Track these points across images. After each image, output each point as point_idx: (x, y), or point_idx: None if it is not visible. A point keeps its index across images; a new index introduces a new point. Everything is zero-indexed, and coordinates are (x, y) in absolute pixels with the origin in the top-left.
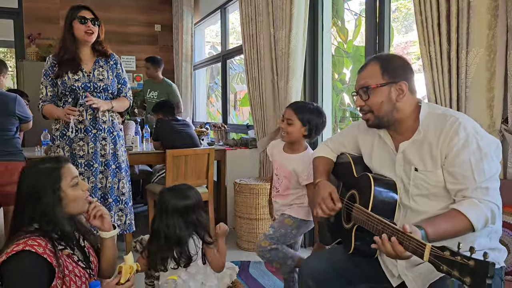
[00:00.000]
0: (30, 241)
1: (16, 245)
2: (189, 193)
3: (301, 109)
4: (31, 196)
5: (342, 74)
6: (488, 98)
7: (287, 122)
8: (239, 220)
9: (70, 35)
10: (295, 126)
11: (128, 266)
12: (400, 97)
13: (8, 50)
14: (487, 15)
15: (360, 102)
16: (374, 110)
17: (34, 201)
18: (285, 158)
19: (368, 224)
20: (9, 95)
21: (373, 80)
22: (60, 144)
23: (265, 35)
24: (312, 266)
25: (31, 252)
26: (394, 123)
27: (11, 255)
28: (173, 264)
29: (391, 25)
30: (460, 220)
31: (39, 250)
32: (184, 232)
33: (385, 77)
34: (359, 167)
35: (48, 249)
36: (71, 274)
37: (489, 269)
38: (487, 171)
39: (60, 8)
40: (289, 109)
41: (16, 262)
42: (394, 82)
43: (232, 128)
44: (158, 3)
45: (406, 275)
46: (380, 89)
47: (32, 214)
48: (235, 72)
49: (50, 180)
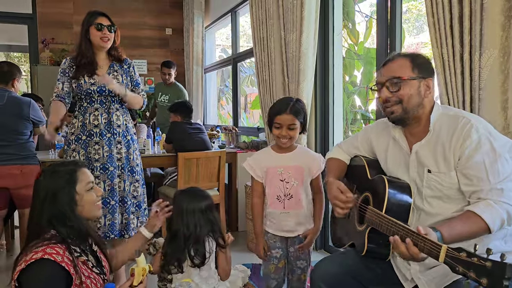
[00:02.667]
0: (48, 249)
1: (35, 253)
2: (206, 193)
3: (295, 108)
4: (47, 197)
5: (353, 76)
6: (502, 100)
7: (290, 128)
8: (250, 222)
9: (87, 40)
10: (297, 128)
11: (140, 268)
12: (427, 93)
13: (23, 54)
14: (500, 17)
15: (388, 93)
16: (403, 101)
17: (50, 202)
18: (285, 158)
19: (382, 226)
20: (23, 99)
21: (404, 72)
22: (76, 148)
23: (275, 38)
24: (324, 269)
25: (50, 261)
26: (414, 119)
27: (30, 263)
28: (189, 263)
29: (402, 27)
30: (476, 222)
31: (58, 258)
32: (204, 230)
33: (415, 71)
34: (373, 169)
35: (66, 257)
36: (87, 281)
37: (506, 270)
38: (501, 172)
39: (73, 13)
40: (289, 115)
41: (36, 271)
42: (423, 77)
43: (243, 130)
44: (169, 7)
45: (420, 278)
46: (411, 82)
47: (48, 216)
48: (246, 75)
49: (66, 182)
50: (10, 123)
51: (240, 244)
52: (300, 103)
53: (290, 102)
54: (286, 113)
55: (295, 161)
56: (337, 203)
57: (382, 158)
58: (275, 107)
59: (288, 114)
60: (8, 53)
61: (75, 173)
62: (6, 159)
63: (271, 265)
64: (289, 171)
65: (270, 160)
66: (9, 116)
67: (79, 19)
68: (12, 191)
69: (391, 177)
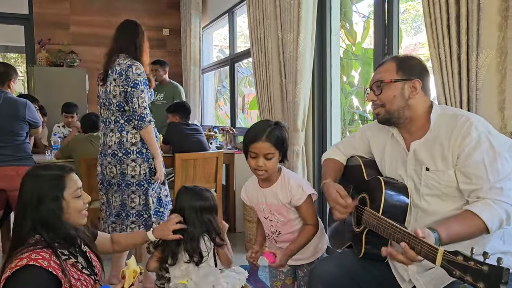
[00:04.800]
0: (33, 254)
1: (20, 260)
2: (207, 194)
3: (273, 135)
4: (32, 202)
5: (351, 77)
6: (499, 100)
7: (266, 158)
8: (247, 223)
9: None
10: (276, 157)
11: (131, 271)
12: (413, 95)
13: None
14: (497, 17)
15: (373, 96)
16: (386, 104)
17: (34, 207)
18: (267, 194)
19: (379, 228)
20: (19, 100)
21: (387, 75)
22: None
23: (273, 39)
24: (323, 270)
25: (36, 266)
26: (404, 121)
27: (15, 270)
28: (186, 258)
29: (400, 27)
30: (474, 222)
31: (44, 263)
32: (198, 229)
33: (399, 73)
34: (370, 170)
35: (53, 261)
36: (77, 283)
37: (503, 275)
38: (501, 171)
39: (70, 14)
40: (265, 142)
41: (21, 278)
42: (408, 79)
43: (241, 131)
44: (166, 7)
45: (417, 279)
46: (393, 84)
47: (32, 221)
48: (243, 75)
49: (53, 187)
50: (6, 124)
51: (238, 245)
52: (279, 128)
53: (267, 128)
54: (262, 141)
55: (274, 198)
56: (337, 207)
57: (379, 157)
58: (250, 134)
59: (264, 141)
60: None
61: (63, 178)
62: (2, 160)
63: (278, 281)
64: (271, 208)
65: (255, 195)
66: (5, 117)
67: (75, 19)
68: (8, 192)
69: (387, 178)
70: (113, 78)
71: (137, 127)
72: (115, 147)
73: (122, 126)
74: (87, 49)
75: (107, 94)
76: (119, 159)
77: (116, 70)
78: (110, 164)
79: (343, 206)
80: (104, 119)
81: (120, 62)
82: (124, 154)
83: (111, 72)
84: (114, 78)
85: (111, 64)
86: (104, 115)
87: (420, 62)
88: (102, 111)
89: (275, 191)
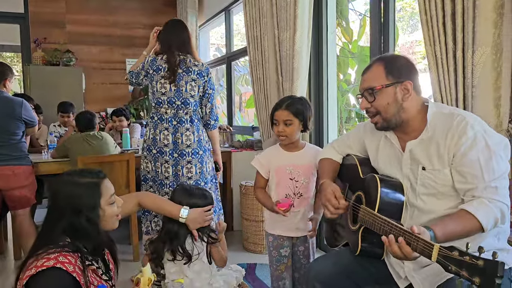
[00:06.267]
0: (61, 257)
1: (47, 260)
2: (199, 192)
3: (293, 105)
4: (68, 209)
5: (347, 75)
6: (495, 98)
7: (286, 123)
8: (245, 222)
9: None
10: (294, 125)
11: (146, 278)
12: (406, 97)
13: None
14: (492, 14)
15: (366, 104)
16: (381, 112)
17: (71, 214)
18: (295, 157)
19: (375, 225)
20: (15, 99)
21: (377, 81)
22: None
23: (269, 37)
24: (319, 268)
25: (62, 270)
26: (401, 124)
27: (40, 269)
28: (170, 256)
29: (396, 25)
30: (469, 221)
31: (69, 268)
32: (182, 229)
33: (389, 78)
34: (365, 168)
35: (77, 267)
36: None
37: (498, 269)
38: (496, 170)
39: (66, 13)
40: (284, 111)
41: (46, 279)
42: (399, 82)
43: (238, 130)
44: (163, 5)
45: (414, 276)
46: (385, 90)
47: (65, 227)
48: (240, 74)
49: (90, 196)
50: (2, 123)
51: (235, 243)
52: (300, 101)
53: (288, 100)
54: (282, 109)
55: (304, 160)
56: (328, 206)
57: (373, 156)
58: (274, 105)
59: (283, 110)
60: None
61: (99, 186)
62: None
63: (282, 264)
64: (299, 169)
65: (279, 159)
66: (1, 117)
67: (71, 18)
68: (4, 192)
69: (383, 175)
70: (191, 78)
71: (212, 127)
72: (196, 145)
73: (197, 125)
74: (84, 48)
75: (182, 93)
76: (199, 157)
77: (194, 70)
78: (189, 163)
79: (335, 206)
80: (170, 117)
81: (196, 63)
82: (203, 152)
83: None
84: (193, 79)
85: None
86: (170, 113)
87: (407, 61)
88: (164, 109)
89: (303, 154)
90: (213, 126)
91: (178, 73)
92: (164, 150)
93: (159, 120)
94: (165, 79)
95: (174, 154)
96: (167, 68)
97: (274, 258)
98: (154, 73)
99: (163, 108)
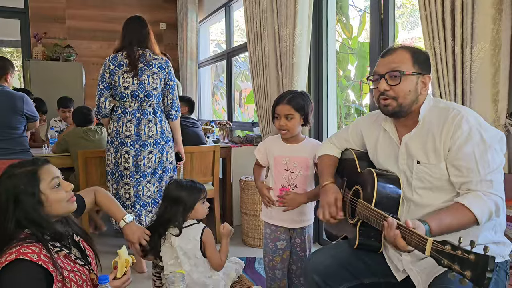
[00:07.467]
0: (23, 248)
1: (9, 254)
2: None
3: (294, 100)
4: (9, 201)
5: (347, 71)
6: (493, 93)
7: (287, 117)
8: (244, 217)
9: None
10: (295, 119)
11: (123, 260)
12: (423, 90)
13: (15, 49)
14: (491, 10)
15: (386, 86)
16: (399, 97)
17: (13, 206)
18: (293, 149)
19: (372, 219)
20: (17, 94)
21: (405, 66)
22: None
23: (269, 33)
24: (317, 261)
25: (25, 261)
26: (408, 114)
27: (4, 265)
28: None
29: (396, 21)
30: (464, 214)
31: (34, 257)
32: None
33: (415, 67)
34: (363, 162)
35: (43, 255)
36: (70, 275)
37: (489, 263)
38: (491, 163)
39: (66, 8)
40: (286, 105)
41: (11, 273)
42: (422, 73)
43: (237, 125)
44: (162, 1)
45: (411, 269)
46: (411, 77)
47: (15, 220)
48: (240, 69)
49: (27, 184)
50: (3, 117)
51: (234, 238)
52: (301, 96)
53: (290, 94)
54: (283, 103)
55: (301, 153)
56: (325, 213)
57: (372, 150)
58: (276, 99)
59: (285, 104)
60: (0, 48)
61: (36, 172)
62: (0, 153)
63: (277, 256)
64: (295, 161)
65: (278, 149)
66: (3, 111)
67: (71, 13)
68: None
69: (380, 169)
70: (152, 71)
71: (174, 117)
72: (158, 136)
73: (160, 117)
74: (84, 43)
75: (145, 87)
76: (161, 147)
77: (154, 63)
78: (150, 153)
79: (332, 214)
80: (134, 110)
81: (156, 57)
82: (166, 142)
83: (144, 65)
84: (154, 72)
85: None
86: (134, 107)
87: (428, 57)
88: (128, 103)
89: (301, 147)
90: (174, 117)
91: (140, 67)
92: (125, 141)
93: (123, 113)
94: (127, 74)
95: (136, 145)
96: (128, 63)
97: (270, 249)
98: (116, 69)
99: (127, 102)
